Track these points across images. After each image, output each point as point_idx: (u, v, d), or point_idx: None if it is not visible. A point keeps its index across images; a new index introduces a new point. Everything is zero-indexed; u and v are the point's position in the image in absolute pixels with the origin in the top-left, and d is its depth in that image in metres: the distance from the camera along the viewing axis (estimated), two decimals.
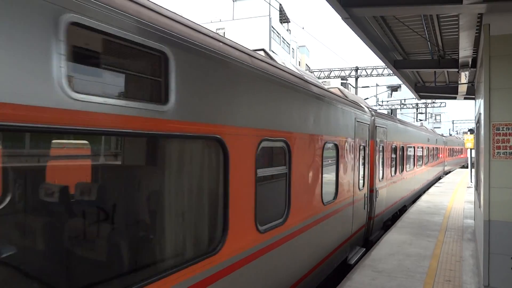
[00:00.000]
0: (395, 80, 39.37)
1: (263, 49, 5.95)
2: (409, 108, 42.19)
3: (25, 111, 2.00)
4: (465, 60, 8.96)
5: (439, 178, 27.80)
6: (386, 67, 19.90)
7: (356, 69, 29.65)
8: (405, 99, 41.04)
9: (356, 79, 29.91)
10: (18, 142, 2.77)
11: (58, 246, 2.82)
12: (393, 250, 8.19)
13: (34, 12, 2.04)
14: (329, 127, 6.46)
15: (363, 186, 8.80)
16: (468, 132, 23.73)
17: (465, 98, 15.10)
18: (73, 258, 2.83)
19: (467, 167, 31.79)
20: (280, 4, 50.52)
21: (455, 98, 15.61)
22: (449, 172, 35.44)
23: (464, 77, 10.40)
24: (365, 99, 16.40)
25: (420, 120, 43.05)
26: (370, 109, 10.38)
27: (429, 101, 40.05)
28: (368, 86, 34.90)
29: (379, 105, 39.44)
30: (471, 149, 22.72)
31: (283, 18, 52.38)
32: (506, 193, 5.34)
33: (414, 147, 16.41)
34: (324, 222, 6.26)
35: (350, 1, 6.13)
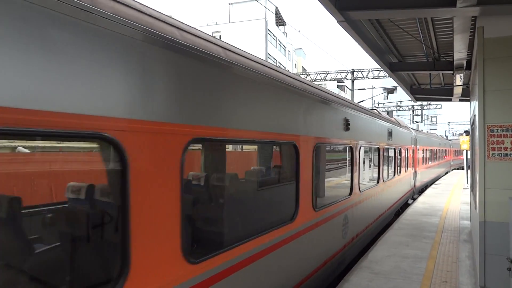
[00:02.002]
0: (391, 82, 39.54)
1: (375, 108, 12.55)
2: (405, 110, 42.38)
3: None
4: (459, 62, 9.04)
5: (447, 172, 37.09)
6: (382, 69, 20.01)
7: (352, 71, 29.76)
8: (401, 101, 41.26)
9: (352, 82, 30.02)
10: None
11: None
12: (390, 251, 8.21)
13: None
14: (406, 141, 15.39)
15: (412, 168, 17.28)
16: (464, 134, 23.84)
17: (460, 100, 15.21)
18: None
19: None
20: (276, 7, 50.69)
21: (450, 100, 15.72)
22: (454, 169, 45.23)
23: (459, 79, 10.48)
24: (361, 101, 18.98)
25: (416, 122, 43.26)
26: (411, 128, 19.49)
27: (425, 103, 40.28)
28: (364, 88, 35.05)
29: (376, 107, 39.60)
30: (466, 151, 22.84)
31: (279, 21, 52.54)
32: (501, 194, 5.37)
33: (431, 149, 25.58)
34: (402, 181, 14.52)
35: (345, 4, 6.17)
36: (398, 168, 13.37)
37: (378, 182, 10.20)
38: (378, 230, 10.26)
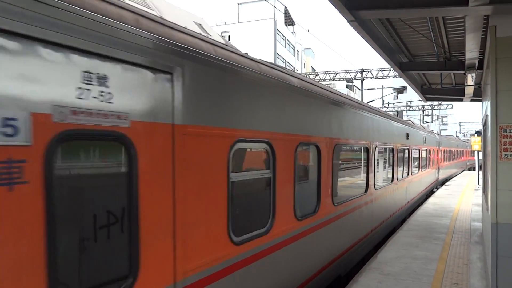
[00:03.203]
0: (401, 82, 39.13)
1: (410, 120, 18.84)
2: (415, 110, 41.94)
3: None
4: (471, 62, 8.92)
5: (463, 171, 42.86)
6: (392, 69, 19.85)
7: (362, 71, 29.55)
8: (411, 101, 40.79)
9: (362, 81, 29.82)
10: None
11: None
12: (400, 253, 8.15)
13: None
14: (433, 143, 20.25)
15: (436, 164, 21.65)
16: (475, 134, 23.55)
17: (472, 100, 15.01)
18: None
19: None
20: (285, 7, 50.58)
21: (461, 100, 15.52)
22: (470, 168, 50.40)
23: (470, 79, 10.35)
24: (370, 101, 19.14)
25: (427, 122, 42.79)
26: (436, 132, 26.72)
27: (435, 103, 39.79)
28: (373, 88, 34.79)
29: (385, 107, 39.25)
30: (478, 151, 22.57)
31: (288, 21, 52.41)
32: None
33: (451, 150, 30.58)
34: (430, 173, 19.69)
35: (355, 3, 6.14)
36: (428, 163, 18.71)
37: (418, 171, 15.49)
38: (420, 200, 16.65)
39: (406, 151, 12.78)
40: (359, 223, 7.75)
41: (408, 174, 13.05)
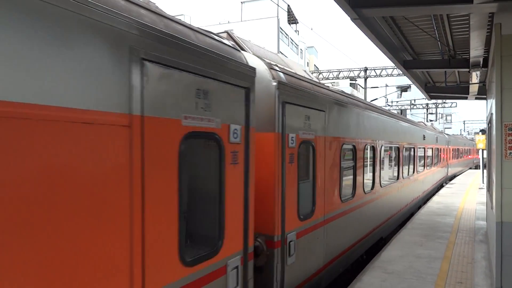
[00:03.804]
0: (405, 80, 38.93)
1: (422, 122, 20.25)
2: (419, 108, 41.74)
3: None
4: (476, 60, 8.87)
5: (470, 168, 45.60)
6: (395, 67, 19.78)
7: (365, 69, 29.42)
8: (415, 99, 40.59)
9: (365, 80, 29.71)
10: None
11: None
12: (404, 251, 8.13)
13: None
14: (443, 142, 22.69)
15: (445, 161, 23.78)
16: (480, 133, 23.42)
17: (476, 98, 14.92)
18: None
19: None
20: (288, 5, 50.46)
21: (466, 98, 15.43)
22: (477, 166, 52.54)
23: (475, 77, 10.29)
24: (374, 99, 19.04)
25: (431, 120, 42.58)
26: (445, 133, 27.94)
27: (439, 101, 39.59)
28: (377, 87, 34.62)
29: (389, 105, 39.11)
30: (483, 150, 22.46)
31: (291, 19, 52.29)
32: None
33: (458, 148, 32.92)
34: (440, 169, 21.37)
35: (359, 1, 6.11)
36: (439, 160, 20.92)
37: (431, 166, 17.92)
38: (432, 193, 18.67)
39: (422, 149, 15.32)
40: (393, 202, 10.40)
41: (423, 169, 15.58)
